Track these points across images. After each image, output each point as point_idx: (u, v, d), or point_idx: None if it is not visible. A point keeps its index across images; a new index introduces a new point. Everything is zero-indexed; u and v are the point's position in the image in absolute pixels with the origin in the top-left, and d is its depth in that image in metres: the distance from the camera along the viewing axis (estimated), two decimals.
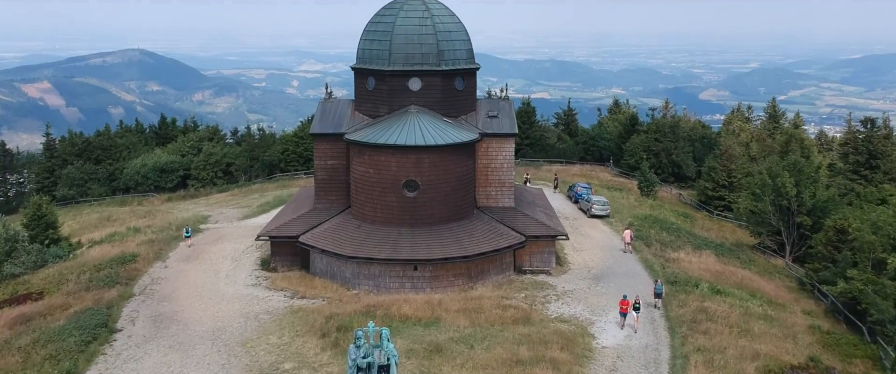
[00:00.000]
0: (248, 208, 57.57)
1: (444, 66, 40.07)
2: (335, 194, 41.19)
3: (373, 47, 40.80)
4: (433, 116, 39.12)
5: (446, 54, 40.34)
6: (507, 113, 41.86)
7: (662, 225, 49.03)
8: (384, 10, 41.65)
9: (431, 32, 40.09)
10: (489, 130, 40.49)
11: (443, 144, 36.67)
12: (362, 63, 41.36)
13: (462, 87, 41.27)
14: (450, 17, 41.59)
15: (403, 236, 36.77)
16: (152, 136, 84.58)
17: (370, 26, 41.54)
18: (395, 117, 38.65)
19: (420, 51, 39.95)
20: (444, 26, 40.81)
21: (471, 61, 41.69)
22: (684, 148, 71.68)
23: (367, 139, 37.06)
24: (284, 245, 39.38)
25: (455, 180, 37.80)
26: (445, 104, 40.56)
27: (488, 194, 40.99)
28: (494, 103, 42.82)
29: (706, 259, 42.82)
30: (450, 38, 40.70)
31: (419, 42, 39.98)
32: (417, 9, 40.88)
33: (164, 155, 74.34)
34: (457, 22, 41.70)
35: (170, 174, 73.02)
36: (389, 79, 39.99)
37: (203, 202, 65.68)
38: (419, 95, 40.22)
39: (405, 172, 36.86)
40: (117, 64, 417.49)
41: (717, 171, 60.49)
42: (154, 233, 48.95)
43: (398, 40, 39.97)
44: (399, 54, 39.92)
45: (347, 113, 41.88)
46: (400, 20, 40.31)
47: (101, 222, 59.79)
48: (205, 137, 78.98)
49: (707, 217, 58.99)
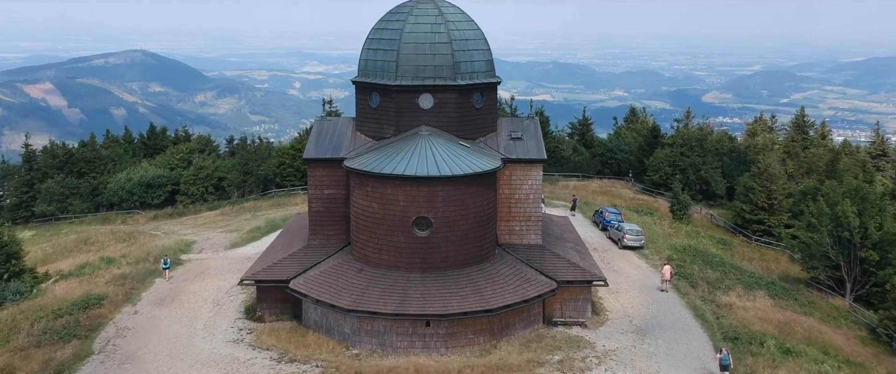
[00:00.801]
0: (238, 232, 51.36)
1: (461, 80, 33.85)
2: (333, 229, 34.96)
3: (377, 58, 34.58)
4: (447, 138, 32.89)
5: (463, 67, 34.12)
6: (533, 134, 35.61)
7: (704, 258, 42.77)
8: (390, 15, 35.45)
9: (446, 41, 33.85)
10: (512, 154, 34.23)
11: (460, 174, 30.42)
12: (365, 76, 35.15)
13: (481, 104, 35.04)
14: (466, 23, 35.36)
15: (413, 283, 30.53)
16: (141, 146, 78.31)
17: (374, 34, 35.33)
18: (404, 141, 32.41)
19: (432, 63, 33.73)
20: (461, 34, 34.57)
21: (491, 75, 35.47)
22: (713, 163, 65.41)
23: (370, 168, 30.82)
24: (273, 291, 33.17)
25: (474, 217, 31.56)
26: (462, 124, 34.34)
27: (511, 229, 34.74)
28: (518, 123, 36.56)
29: (762, 303, 36.58)
30: (467, 48, 34.47)
31: (431, 52, 33.76)
32: (429, 13, 34.68)
33: (151, 168, 68.15)
34: (475, 29, 35.46)
35: (156, 190, 66.84)
36: (396, 95, 33.78)
37: (190, 223, 59.49)
38: (431, 114, 34.01)
39: (415, 207, 30.63)
40: (119, 65, 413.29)
41: (755, 191, 54.21)
42: (129, 265, 42.75)
43: (407, 50, 33.74)
44: (408, 67, 33.70)
45: (347, 134, 35.65)
46: (409, 27, 34.09)
47: (78, 245, 53.59)
48: (196, 148, 72.77)
49: (745, 243, 52.76)
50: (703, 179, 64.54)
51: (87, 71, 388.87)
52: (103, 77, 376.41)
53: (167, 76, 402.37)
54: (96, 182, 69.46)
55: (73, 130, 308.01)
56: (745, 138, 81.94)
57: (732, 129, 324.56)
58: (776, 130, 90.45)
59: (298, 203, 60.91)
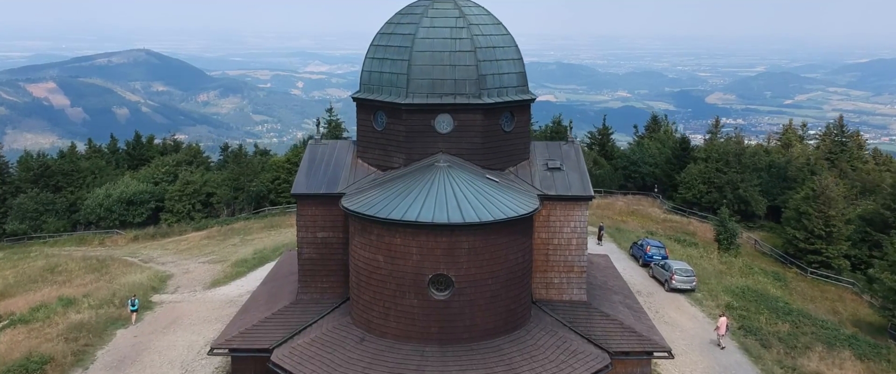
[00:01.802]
0: (222, 263, 44.38)
1: (487, 97, 26.87)
2: (328, 280, 27.97)
3: (383, 70, 27.57)
4: (470, 171, 25.88)
5: (490, 81, 27.12)
6: (575, 164, 28.59)
7: (769, 304, 35.68)
8: (400, 17, 28.45)
9: (469, 49, 26.85)
10: (550, 189, 27.22)
11: (490, 220, 23.41)
12: (368, 92, 28.16)
13: (511, 127, 28.03)
14: (494, 27, 28.34)
15: (430, 359, 23.52)
16: (125, 157, 71.26)
17: (380, 40, 28.34)
18: (417, 174, 25.39)
19: (452, 76, 26.74)
20: (487, 40, 27.57)
21: (523, 90, 28.46)
22: (752, 180, 58.32)
23: (374, 211, 23.81)
24: (251, 361, 26.21)
25: (507, 274, 24.55)
26: (487, 152, 27.35)
27: (549, 281, 27.72)
28: (555, 149, 29.53)
29: (851, 369, 29.55)
30: (494, 57, 27.47)
31: (451, 63, 26.77)
32: (448, 14, 27.67)
33: (133, 183, 61.17)
34: (504, 34, 28.45)
35: (138, 207, 59.88)
36: (408, 116, 26.80)
37: (172, 247, 52.53)
38: (450, 140, 27.03)
39: (432, 262, 23.62)
40: (122, 64, 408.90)
41: (810, 217, 47.13)
42: (90, 307, 35.81)
43: (421, 60, 26.75)
44: (421, 81, 26.72)
45: (346, 162, 28.66)
46: (423, 31, 27.09)
47: (43, 275, 46.69)
48: (183, 159, 65.76)
49: (799, 276, 45.75)
50: (742, 198, 57.48)
51: (90, 70, 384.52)
52: (106, 76, 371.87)
53: (170, 76, 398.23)
54: (74, 197, 62.61)
55: (76, 129, 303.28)
56: (777, 148, 74.75)
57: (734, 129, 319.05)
58: (806, 138, 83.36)
59: (292, 225, 53.88)
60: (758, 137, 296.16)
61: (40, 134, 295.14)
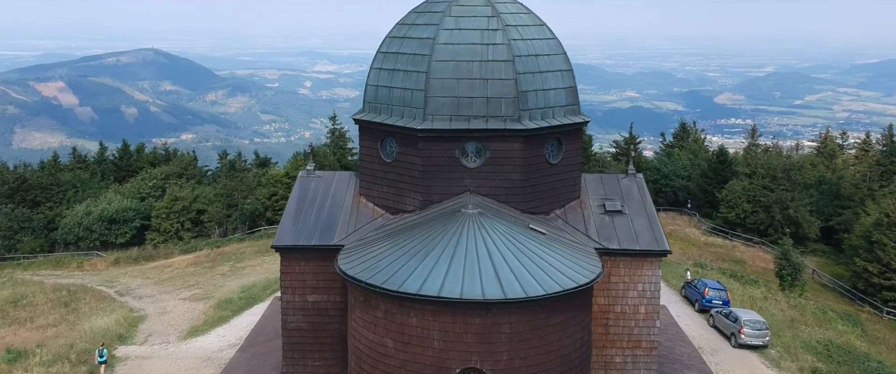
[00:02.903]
0: (206, 301, 37.85)
1: (529, 121, 20.29)
2: (320, 357, 21.36)
3: (394, 85, 21.00)
4: (508, 219, 19.28)
5: (532, 99, 20.50)
6: (640, 205, 21.91)
7: (861, 365, 28.88)
8: (415, 17, 21.86)
9: (505, 58, 20.26)
10: (611, 240, 20.55)
11: (540, 295, 16.82)
12: (374, 113, 21.61)
13: (558, 158, 21.40)
14: (536, 29, 21.69)
15: None
16: (112, 168, 64.84)
17: (390, 45, 21.75)
18: (437, 224, 18.79)
19: (483, 93, 20.16)
20: (528, 46, 20.95)
21: (574, 111, 21.82)
22: (803, 199, 51.48)
23: (381, 281, 17.25)
24: None
25: (561, 365, 17.91)
26: (529, 191, 20.76)
27: (609, 361, 21.03)
28: (612, 184, 22.86)
29: None
30: (538, 68, 20.85)
31: (482, 75, 20.19)
32: (477, 13, 21.07)
33: (116, 199, 54.75)
34: (549, 38, 21.80)
35: (122, 226, 53.46)
36: (425, 145, 20.25)
37: (155, 274, 46.07)
38: (481, 176, 20.47)
39: (461, 352, 17.02)
40: (131, 64, 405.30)
41: (886, 247, 40.32)
42: (42, 364, 29.35)
43: (442, 72, 20.17)
44: (444, 99, 20.15)
45: (346, 201, 22.11)
46: (446, 35, 20.52)
47: (3, 309, 40.29)
48: (173, 172, 59.30)
49: (874, 316, 38.99)
50: (792, 219, 50.64)
51: (98, 70, 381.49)
52: (115, 76, 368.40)
53: (178, 75, 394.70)
54: (53, 213, 56.24)
55: (85, 129, 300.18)
56: (815, 158, 67.69)
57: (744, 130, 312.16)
58: (845, 146, 76.31)
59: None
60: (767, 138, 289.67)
61: (49, 133, 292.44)
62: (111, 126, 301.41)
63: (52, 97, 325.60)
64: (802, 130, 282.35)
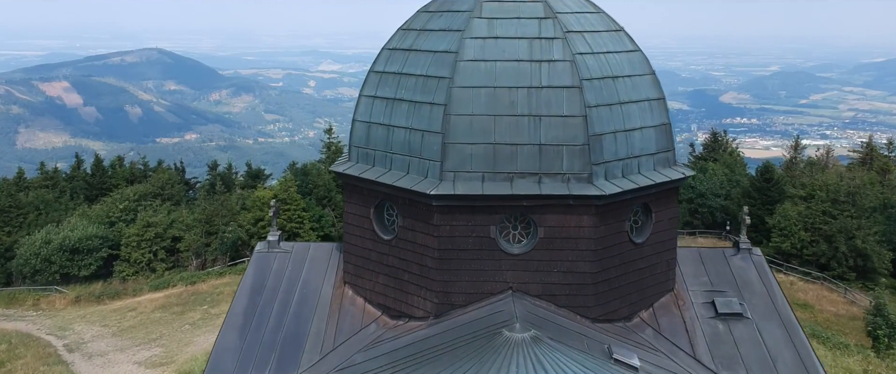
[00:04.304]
0: (164, 367, 30.43)
1: (607, 180, 12.70)
2: None
3: (395, 122, 13.40)
4: (578, 348, 11.71)
5: (610, 146, 12.90)
6: (768, 303, 14.27)
7: None
8: (429, 19, 14.16)
9: (568, 83, 12.68)
10: (735, 367, 13.01)
11: None
12: (366, 163, 14.03)
13: (646, 235, 13.74)
14: (611, 37, 14.03)
15: None
16: (83, 186, 57.30)
17: (390, 61, 14.13)
18: (462, 357, 11.24)
19: (534, 138, 12.57)
20: (602, 62, 13.34)
21: (668, 160, 14.17)
22: (870, 228, 43.78)
23: None
24: None
25: None
26: (602, 288, 13.08)
27: None
28: (718, 263, 15.21)
29: None
30: (618, 97, 13.23)
31: (531, 110, 12.61)
32: (524, 13, 13.46)
33: (81, 224, 47.28)
34: (631, 50, 14.17)
35: (86, 256, 46.02)
36: (443, 219, 12.68)
37: (115, 318, 38.64)
38: (529, 267, 12.90)
39: None
40: (136, 63, 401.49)
41: None
42: None
43: (469, 104, 12.61)
44: (471, 148, 12.58)
45: (322, 296, 14.51)
46: (475, 47, 12.95)
47: None
48: (150, 192, 51.75)
49: None
50: (859, 250, 42.95)
51: (103, 69, 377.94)
52: (119, 75, 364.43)
53: (183, 75, 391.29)
54: (11, 240, 48.84)
55: (89, 129, 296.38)
56: (869, 175, 59.82)
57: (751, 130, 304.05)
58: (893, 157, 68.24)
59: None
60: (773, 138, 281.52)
61: (53, 133, 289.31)
62: (115, 126, 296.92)
63: (57, 97, 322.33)
64: (808, 130, 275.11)
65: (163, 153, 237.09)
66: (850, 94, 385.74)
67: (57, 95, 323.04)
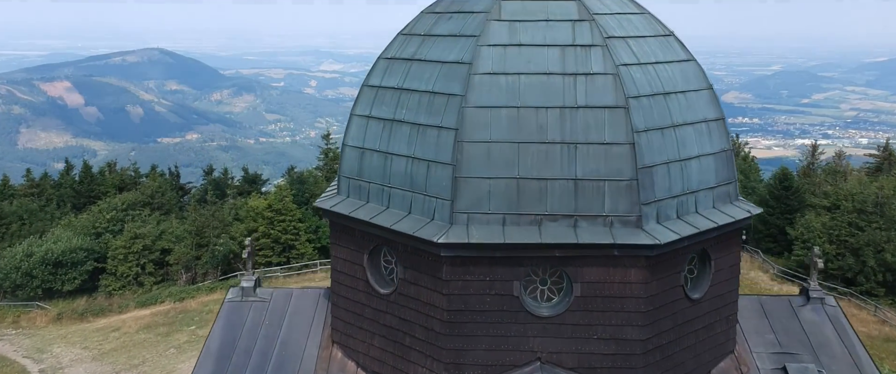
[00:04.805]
0: None
1: (660, 224, 10.03)
2: None
3: (394, 150, 10.70)
4: None
5: (663, 180, 10.20)
6: (850, 367, 11.69)
7: None
8: (436, 22, 11.45)
9: (611, 102, 9.99)
10: None
11: None
12: (359, 198, 11.32)
13: (704, 289, 11.07)
14: (659, 41, 11.34)
15: None
16: (71, 193, 54.66)
17: (388, 73, 11.42)
18: None
19: (569, 171, 9.87)
20: (651, 75, 10.65)
21: (729, 195, 11.50)
22: None
23: None
24: None
25: None
26: (653, 357, 10.47)
27: None
28: (784, 316, 12.53)
29: None
30: (671, 119, 10.53)
31: (565, 136, 9.92)
32: (553, 11, 10.78)
33: (65, 237, 44.66)
34: (685, 61, 11.48)
35: (70, 270, 43.40)
36: (454, 272, 10.01)
37: (96, 342, 36.01)
38: (562, 333, 10.20)
39: None
40: (137, 63, 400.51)
41: None
42: None
43: (487, 129, 9.90)
44: (488, 184, 9.88)
45: (305, 359, 11.83)
46: (493, 56, 10.24)
47: None
48: (138, 201, 49.11)
49: None
50: (889, 264, 40.23)
51: (104, 69, 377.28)
52: (121, 75, 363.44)
53: (184, 75, 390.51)
54: None
55: (90, 129, 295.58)
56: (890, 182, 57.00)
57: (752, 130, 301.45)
58: None
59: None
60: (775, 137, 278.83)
61: (54, 133, 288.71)
62: (117, 126, 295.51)
63: (58, 97, 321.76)
64: (810, 129, 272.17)
65: (164, 153, 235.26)
66: (852, 93, 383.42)
67: (58, 95, 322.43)
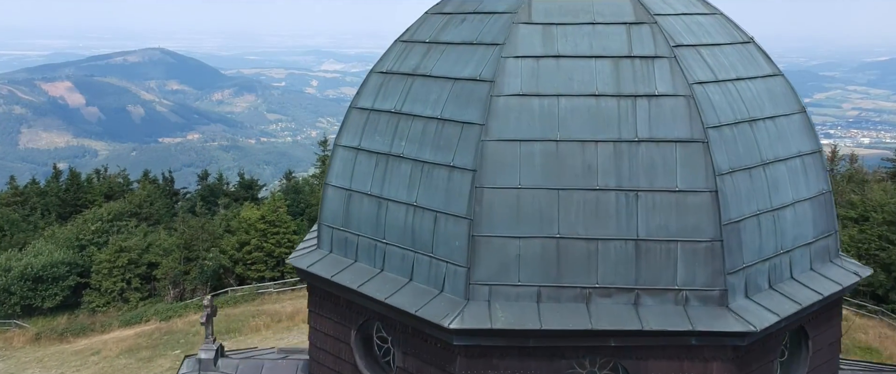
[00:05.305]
0: None
1: (750, 298, 7.31)
2: None
3: (389, 195, 7.93)
4: None
5: (752, 238, 7.45)
6: None
7: None
8: (445, 21, 8.77)
9: (685, 135, 7.25)
10: None
11: None
12: (344, 254, 8.56)
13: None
14: (737, 50, 8.64)
15: None
16: (56, 202, 51.91)
17: (384, 93, 8.61)
18: None
19: (626, 229, 7.12)
20: (732, 95, 7.92)
21: (829, 252, 8.80)
22: None
23: None
24: None
25: None
26: None
27: None
28: None
29: None
30: (759, 155, 7.84)
31: (621, 181, 7.20)
32: (600, 10, 8.08)
33: (47, 250, 41.99)
34: (771, 75, 8.79)
35: (51, 286, 40.72)
36: (467, 361, 7.27)
37: (74, 367, 33.34)
38: None
39: None
40: (138, 63, 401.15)
41: None
42: None
43: (514, 171, 7.17)
44: (516, 245, 7.15)
45: None
46: (521, 70, 7.47)
47: None
48: (125, 210, 46.39)
49: None
50: None
51: (105, 69, 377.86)
52: (122, 75, 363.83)
53: (185, 74, 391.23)
54: None
55: (91, 129, 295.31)
56: None
57: None
58: None
59: (260, 328, 34.59)
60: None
61: (56, 133, 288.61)
62: (118, 126, 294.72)
63: (59, 97, 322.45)
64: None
65: (165, 153, 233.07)
66: (853, 93, 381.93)
67: (60, 95, 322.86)
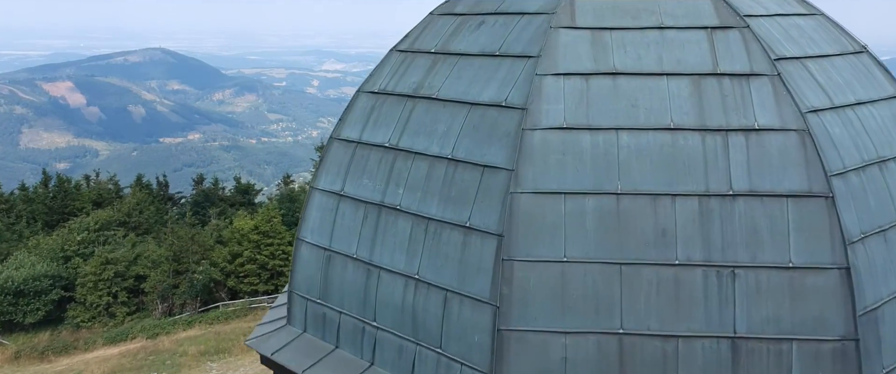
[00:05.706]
0: None
1: None
2: None
3: (382, 263, 5.57)
4: None
5: (890, 328, 5.31)
6: None
7: None
8: (458, 24, 6.47)
9: (806, 190, 4.99)
10: None
11: None
12: (322, 333, 6.26)
13: None
14: (849, 62, 6.41)
15: None
16: (43, 209, 49.69)
17: (375, 125, 6.22)
18: None
19: (716, 323, 4.94)
20: (855, 130, 5.67)
21: None
22: None
23: None
24: None
25: None
26: None
27: None
28: None
29: None
30: (892, 204, 5.68)
31: (707, 249, 4.94)
32: (670, 10, 5.86)
33: (29, 262, 39.81)
34: (892, 97, 6.62)
35: (33, 300, 38.53)
36: None
37: None
38: None
39: None
40: (139, 63, 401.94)
41: None
42: None
43: (562, 233, 4.89)
44: (567, 344, 4.91)
45: None
46: (563, 92, 5.22)
47: None
48: (113, 219, 44.18)
49: None
50: None
51: (106, 69, 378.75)
52: (123, 75, 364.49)
53: (186, 74, 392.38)
54: None
55: (92, 129, 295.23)
56: None
57: None
58: None
59: (252, 352, 32.32)
60: None
61: (56, 133, 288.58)
62: (119, 126, 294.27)
63: (60, 97, 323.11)
64: None
65: (166, 153, 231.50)
66: None
67: (60, 95, 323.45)
